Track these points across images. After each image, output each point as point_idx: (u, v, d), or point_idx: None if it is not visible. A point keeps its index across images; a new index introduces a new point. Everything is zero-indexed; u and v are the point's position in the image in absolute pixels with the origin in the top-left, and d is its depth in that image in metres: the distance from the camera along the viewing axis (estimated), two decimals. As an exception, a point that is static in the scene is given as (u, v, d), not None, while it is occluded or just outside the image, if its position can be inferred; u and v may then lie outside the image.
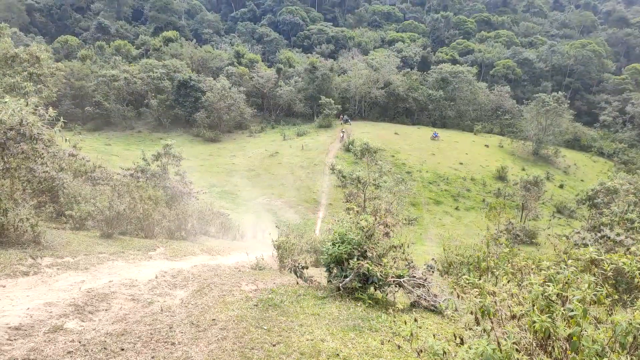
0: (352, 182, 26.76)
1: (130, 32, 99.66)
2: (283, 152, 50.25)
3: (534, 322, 3.47)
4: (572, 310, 3.47)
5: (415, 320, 4.17)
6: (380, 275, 8.04)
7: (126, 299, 6.88)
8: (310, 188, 40.74)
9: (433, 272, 9.58)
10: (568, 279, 3.94)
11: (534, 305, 3.70)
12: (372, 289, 8.39)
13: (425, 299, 8.08)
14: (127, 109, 62.16)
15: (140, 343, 5.14)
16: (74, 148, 23.73)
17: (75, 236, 12.65)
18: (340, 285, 8.17)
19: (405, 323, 4.10)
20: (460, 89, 74.17)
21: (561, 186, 49.92)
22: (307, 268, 9.43)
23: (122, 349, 4.87)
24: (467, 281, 4.17)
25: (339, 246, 8.40)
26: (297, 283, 9.21)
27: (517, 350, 3.50)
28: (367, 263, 7.93)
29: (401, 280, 8.26)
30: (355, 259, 8.03)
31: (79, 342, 4.86)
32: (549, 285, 3.71)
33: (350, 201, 22.44)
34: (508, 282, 4.59)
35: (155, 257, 11.63)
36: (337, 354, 5.52)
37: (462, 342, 4.23)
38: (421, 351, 3.89)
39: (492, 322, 3.98)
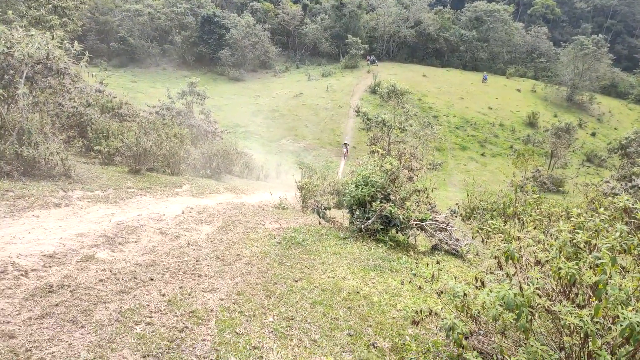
0: (377, 125, 26.34)
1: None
2: (307, 93, 49.51)
3: (560, 268, 3.42)
4: (600, 259, 3.39)
5: (437, 262, 4.17)
6: (403, 218, 8.05)
7: (154, 232, 7.10)
8: (334, 130, 40.42)
9: (456, 217, 9.54)
10: (598, 227, 3.83)
11: (560, 252, 3.63)
12: (393, 231, 8.44)
13: (446, 243, 8.11)
14: (151, 46, 61.58)
15: (168, 274, 5.33)
16: (101, 84, 23.87)
17: (104, 171, 12.95)
18: (362, 226, 8.23)
19: (427, 265, 4.10)
20: (495, 29, 70.46)
21: (593, 134, 48.20)
22: (329, 209, 9.52)
23: (152, 279, 5.07)
24: (493, 226, 4.11)
25: (362, 188, 8.39)
26: (320, 223, 9.33)
27: (538, 295, 3.47)
28: (390, 206, 7.93)
29: (423, 223, 8.27)
30: (378, 202, 8.02)
31: (110, 271, 5.07)
32: (577, 233, 3.61)
33: (375, 144, 22.18)
34: (534, 228, 4.50)
35: (182, 194, 11.88)
36: (358, 292, 5.64)
37: (482, 286, 4.24)
38: (441, 292, 3.92)
39: (515, 267, 3.95)
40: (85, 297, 4.28)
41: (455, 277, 5.07)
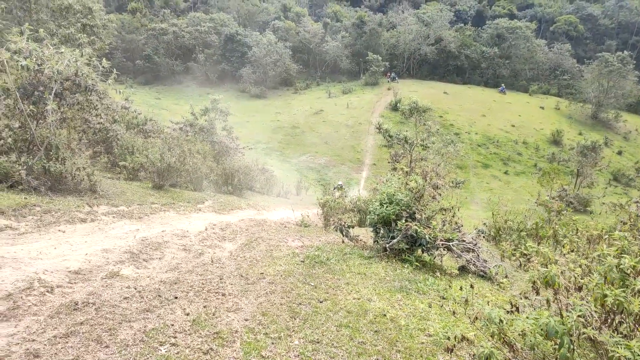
0: (399, 142, 26.16)
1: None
2: (328, 110, 49.71)
3: (605, 295, 3.22)
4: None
5: (472, 286, 4.00)
6: (429, 237, 7.85)
7: (178, 249, 7.07)
8: (355, 147, 40.35)
9: (484, 237, 9.29)
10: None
11: (605, 278, 3.43)
12: (419, 251, 8.24)
13: (474, 264, 7.86)
14: (175, 64, 62.96)
15: (192, 292, 5.26)
16: (127, 101, 24.37)
17: (128, 186, 13.10)
18: (387, 245, 8.06)
19: (461, 289, 3.93)
20: (517, 46, 69.92)
21: (620, 152, 46.97)
22: (353, 227, 9.38)
23: (176, 297, 5.00)
24: (530, 249, 3.92)
25: (387, 206, 8.24)
26: (343, 242, 9.19)
27: (582, 324, 3.28)
28: (416, 225, 7.75)
29: (450, 243, 8.06)
30: (404, 220, 7.86)
31: (135, 289, 5.02)
32: (624, 257, 3.41)
33: (397, 161, 22.00)
34: (572, 251, 4.30)
35: (204, 210, 11.90)
36: (384, 314, 5.46)
37: (517, 311, 4.05)
38: (476, 318, 3.74)
39: (554, 293, 3.75)
40: (110, 315, 4.24)
41: (488, 302, 4.88)
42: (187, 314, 4.59)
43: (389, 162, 25.63)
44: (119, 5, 74.33)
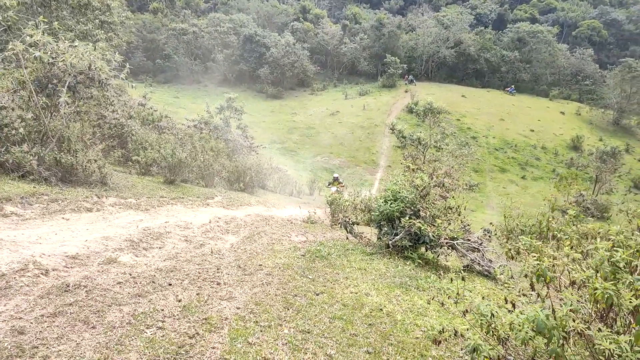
0: (412, 142, 25.96)
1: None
2: (344, 112, 49.63)
3: (596, 289, 3.11)
4: (643, 282, 3.06)
5: (463, 279, 3.91)
6: (433, 235, 7.74)
7: (179, 239, 7.10)
8: (370, 149, 40.18)
9: (490, 237, 9.11)
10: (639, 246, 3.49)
11: (597, 272, 3.31)
12: (423, 249, 8.14)
13: (479, 264, 7.72)
14: (194, 63, 63.63)
15: (187, 280, 5.27)
16: (144, 98, 24.75)
17: (140, 180, 13.25)
18: (390, 242, 7.97)
19: (452, 281, 3.85)
20: (538, 51, 68.73)
21: (641, 159, 45.84)
22: (357, 224, 9.31)
23: (170, 284, 5.01)
24: (525, 243, 3.82)
25: (391, 203, 8.15)
26: (347, 238, 9.13)
27: (572, 318, 3.16)
28: (419, 222, 7.65)
29: (455, 242, 7.93)
30: (407, 218, 7.76)
31: (130, 275, 5.05)
32: (616, 251, 3.29)
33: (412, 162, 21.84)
34: (571, 248, 4.17)
35: (212, 205, 11.96)
36: (381, 309, 5.39)
37: (514, 307, 3.94)
38: (466, 312, 3.65)
39: (547, 288, 3.64)
40: (100, 298, 4.26)
41: (483, 297, 4.77)
42: (179, 300, 4.59)
43: (401, 163, 25.46)
44: (140, 5, 75.47)
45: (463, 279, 3.88)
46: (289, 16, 76.68)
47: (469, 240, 8.02)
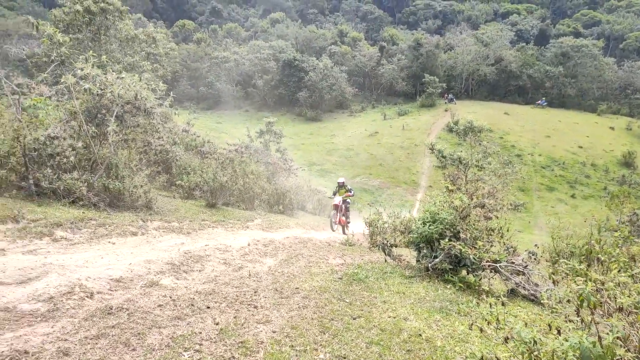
0: (453, 162, 25.49)
1: (241, 15, 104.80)
2: (383, 132, 49.55)
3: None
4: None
5: (503, 304, 3.76)
6: (474, 258, 7.51)
7: (219, 262, 7.23)
8: (410, 169, 39.78)
9: (535, 259, 8.75)
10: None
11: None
12: (464, 272, 7.91)
13: (524, 287, 7.41)
14: (235, 89, 65.68)
15: (225, 303, 5.34)
16: (187, 124, 25.65)
17: (183, 204, 13.66)
18: (429, 265, 7.80)
19: (491, 306, 3.71)
20: (583, 65, 66.48)
21: (703, 176, 42.97)
22: (395, 246, 9.18)
23: (208, 307, 5.09)
24: (567, 266, 3.65)
25: (429, 225, 8.00)
26: (385, 261, 9.00)
27: (621, 346, 2.97)
28: (460, 244, 7.45)
29: (497, 265, 7.66)
30: (447, 240, 7.58)
31: (170, 297, 5.18)
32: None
33: (451, 183, 21.36)
34: (618, 271, 3.95)
35: (252, 227, 12.14)
36: (420, 334, 5.25)
37: (559, 334, 3.75)
38: (507, 338, 3.50)
39: (592, 314, 3.44)
40: (141, 320, 4.38)
41: (526, 324, 4.55)
42: (217, 324, 4.65)
43: (441, 184, 25.01)
44: (185, 36, 79.13)
45: (503, 303, 3.74)
46: (326, 40, 78.10)
47: (512, 263, 7.72)
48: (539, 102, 62.28)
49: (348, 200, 15.60)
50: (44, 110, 10.97)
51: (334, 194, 15.95)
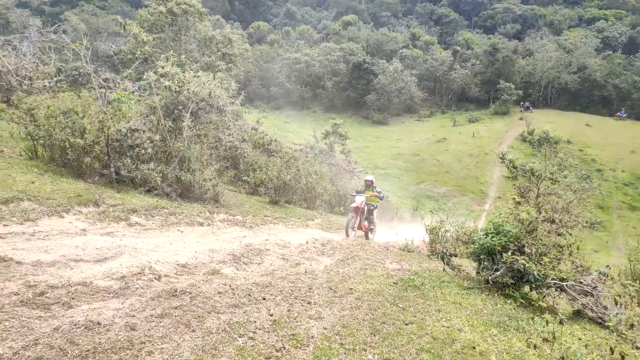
0: (525, 174, 24.32)
1: (314, 17, 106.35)
2: (451, 139, 48.26)
3: None
4: None
5: (561, 322, 3.61)
6: (538, 274, 7.18)
7: (277, 257, 7.47)
8: (478, 178, 38.43)
9: (606, 280, 8.19)
10: None
11: None
12: (526, 288, 7.57)
13: (591, 309, 6.97)
14: (305, 90, 66.82)
15: (280, 296, 5.53)
16: (257, 123, 26.53)
17: (248, 199, 14.18)
18: (490, 278, 7.55)
19: (547, 323, 3.58)
20: (678, 76, 60.83)
21: None
22: (455, 256, 8.96)
23: (264, 299, 5.30)
24: (633, 287, 3.44)
25: (492, 237, 7.74)
26: (444, 270, 8.82)
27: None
28: (524, 259, 7.15)
29: (564, 284, 7.27)
30: (510, 253, 7.30)
31: (229, 286, 5.44)
32: None
33: (522, 195, 20.40)
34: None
35: (312, 226, 12.36)
36: (474, 347, 5.12)
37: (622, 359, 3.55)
38: (563, 358, 3.37)
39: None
40: (201, 305, 4.66)
41: (586, 345, 4.30)
42: (271, 315, 4.83)
43: (508, 194, 23.94)
44: (260, 37, 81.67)
45: (561, 322, 3.59)
46: (398, 43, 77.39)
47: (580, 282, 7.29)
48: (619, 113, 58.00)
49: (373, 204, 13.03)
50: (127, 104, 11.87)
51: (357, 192, 12.99)
